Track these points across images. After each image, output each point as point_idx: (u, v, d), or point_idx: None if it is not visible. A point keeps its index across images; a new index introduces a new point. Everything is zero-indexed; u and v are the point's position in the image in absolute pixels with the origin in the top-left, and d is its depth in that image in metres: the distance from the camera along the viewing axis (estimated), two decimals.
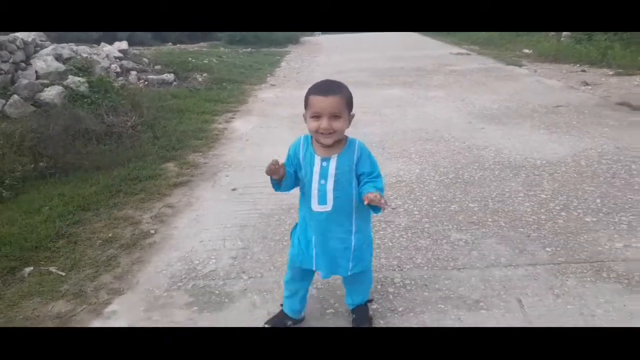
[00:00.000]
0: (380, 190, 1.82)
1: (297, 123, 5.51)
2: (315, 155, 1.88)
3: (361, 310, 2.18)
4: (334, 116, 1.77)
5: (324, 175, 1.87)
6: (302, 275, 2.09)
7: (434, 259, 2.70)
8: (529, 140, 4.68)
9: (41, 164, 4.15)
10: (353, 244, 1.95)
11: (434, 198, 3.48)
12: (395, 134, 5.09)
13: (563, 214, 3.15)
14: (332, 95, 1.77)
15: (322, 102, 1.77)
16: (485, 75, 8.55)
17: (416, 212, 3.27)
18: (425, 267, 2.62)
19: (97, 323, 2.27)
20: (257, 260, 2.74)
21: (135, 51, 8.88)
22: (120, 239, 3.04)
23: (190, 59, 8.97)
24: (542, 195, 3.43)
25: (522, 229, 2.98)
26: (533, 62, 9.99)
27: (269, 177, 1.84)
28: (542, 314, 2.20)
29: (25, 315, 2.34)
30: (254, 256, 2.79)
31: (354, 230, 1.94)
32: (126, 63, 7.92)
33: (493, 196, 3.47)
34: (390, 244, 2.88)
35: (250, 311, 2.31)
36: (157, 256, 2.85)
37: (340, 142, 1.88)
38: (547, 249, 2.75)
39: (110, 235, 3.08)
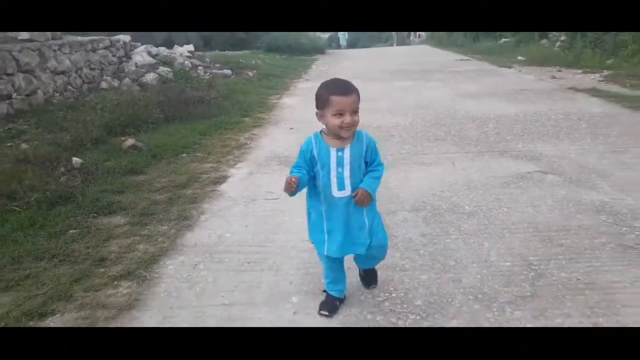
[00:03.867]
0: (378, 178, 2.12)
1: None
2: (330, 147, 2.05)
3: (372, 272, 2.43)
4: (354, 112, 1.98)
5: (340, 163, 2.05)
6: (334, 261, 2.23)
7: (412, 152, 4.78)
8: (491, 106, 6.73)
9: (162, 116, 6.36)
10: (367, 222, 2.15)
11: (417, 131, 5.57)
12: (399, 105, 7.18)
13: (495, 136, 5.21)
14: (351, 94, 1.97)
15: (345, 101, 1.95)
16: (478, 73, 10.60)
17: (405, 136, 5.36)
18: (406, 154, 4.69)
19: (232, 171, 4.39)
20: None
21: (198, 53, 11.19)
22: (230, 145, 5.20)
23: (241, 60, 11.27)
24: (485, 129, 5.49)
25: (467, 142, 5.04)
26: (522, 66, 11.97)
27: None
28: (462, 166, 4.25)
29: (194, 169, 4.47)
30: None
31: (365, 211, 2.14)
32: (194, 61, 10.21)
33: (455, 130, 5.53)
34: (386, 146, 4.95)
35: None
36: (254, 151, 5.00)
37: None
38: (478, 147, 4.81)
39: (224, 144, 5.24)
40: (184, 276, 2.65)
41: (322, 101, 2.01)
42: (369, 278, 2.42)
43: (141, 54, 8.95)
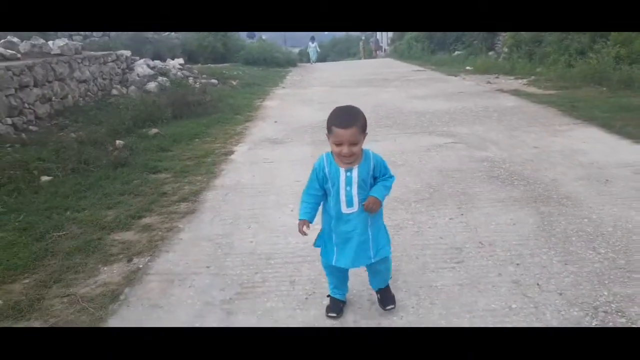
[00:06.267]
0: (388, 187, 2.31)
1: (303, 102, 9.37)
2: (340, 168, 2.23)
3: (385, 291, 2.50)
4: (352, 144, 2.14)
5: (349, 183, 2.23)
6: (339, 270, 2.42)
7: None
8: (431, 104, 8.54)
9: (170, 114, 7.92)
10: (370, 235, 2.32)
11: (372, 122, 7.29)
12: (359, 105, 8.81)
13: (428, 123, 6.98)
14: (351, 128, 2.12)
15: (343, 134, 2.11)
16: (428, 80, 12.50)
17: None
18: None
19: (236, 148, 6.01)
20: (293, 137, 6.51)
21: (188, 65, 12.78)
22: (230, 133, 6.84)
23: (224, 71, 12.90)
24: (422, 119, 7.27)
25: (407, 127, 6.79)
26: (467, 74, 13.94)
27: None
28: (401, 141, 5.98)
29: (207, 147, 6.06)
30: (292, 136, 6.57)
31: (369, 224, 2.30)
32: (185, 72, 11.79)
33: (401, 119, 7.30)
34: None
35: (297, 147, 6.07)
36: (250, 136, 6.64)
37: (358, 155, 2.23)
38: (414, 130, 6.57)
39: (225, 132, 6.87)
40: (220, 199, 4.27)
41: (328, 127, 2.20)
42: (384, 299, 2.50)
43: (141, 66, 10.49)
